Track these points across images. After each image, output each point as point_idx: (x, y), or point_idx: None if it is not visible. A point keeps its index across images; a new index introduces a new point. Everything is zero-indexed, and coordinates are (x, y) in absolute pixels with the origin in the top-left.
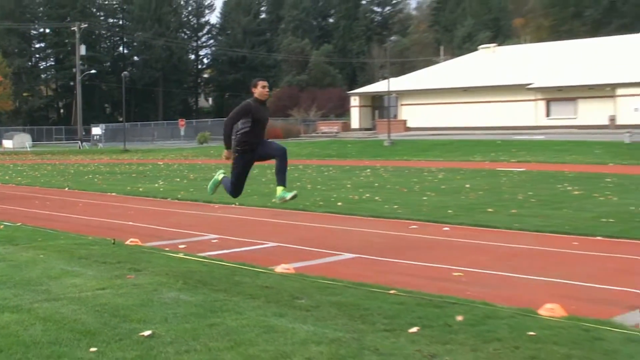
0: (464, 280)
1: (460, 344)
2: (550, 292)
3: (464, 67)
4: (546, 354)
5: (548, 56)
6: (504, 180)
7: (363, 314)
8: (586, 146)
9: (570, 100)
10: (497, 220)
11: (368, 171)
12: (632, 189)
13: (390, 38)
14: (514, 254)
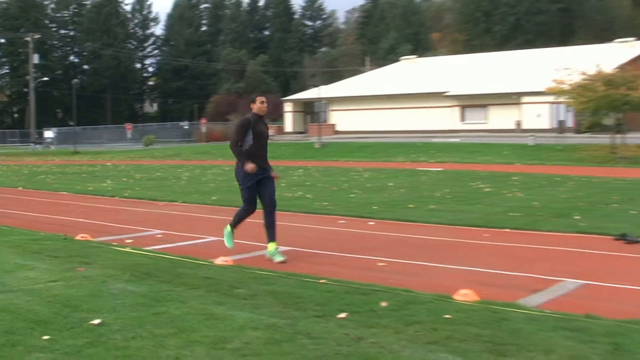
0: (387, 270)
1: (385, 327)
2: (464, 279)
3: (387, 76)
4: (460, 334)
5: (462, 67)
6: (424, 179)
7: (296, 301)
8: (496, 148)
9: (482, 107)
10: (417, 215)
11: (300, 171)
12: (536, 186)
13: (321, 49)
14: (433, 246)
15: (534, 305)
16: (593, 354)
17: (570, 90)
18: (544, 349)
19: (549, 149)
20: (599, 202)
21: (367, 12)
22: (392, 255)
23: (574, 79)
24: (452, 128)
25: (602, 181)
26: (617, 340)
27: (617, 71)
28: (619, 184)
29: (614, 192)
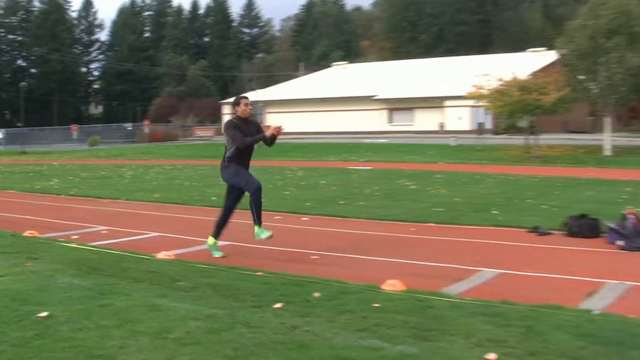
0: (320, 262)
1: (318, 316)
2: (392, 270)
3: (320, 81)
4: (388, 321)
5: (390, 73)
6: (354, 177)
7: (234, 293)
8: (421, 148)
9: (408, 110)
10: (348, 210)
11: None
12: (457, 183)
13: (258, 55)
14: (362, 239)
15: (456, 293)
16: (508, 337)
17: (489, 95)
18: (465, 333)
19: (470, 149)
20: (514, 197)
21: (301, 21)
22: (325, 248)
23: (492, 85)
24: (380, 129)
25: (517, 178)
26: (529, 324)
27: (530, 78)
28: (532, 181)
29: (527, 189)
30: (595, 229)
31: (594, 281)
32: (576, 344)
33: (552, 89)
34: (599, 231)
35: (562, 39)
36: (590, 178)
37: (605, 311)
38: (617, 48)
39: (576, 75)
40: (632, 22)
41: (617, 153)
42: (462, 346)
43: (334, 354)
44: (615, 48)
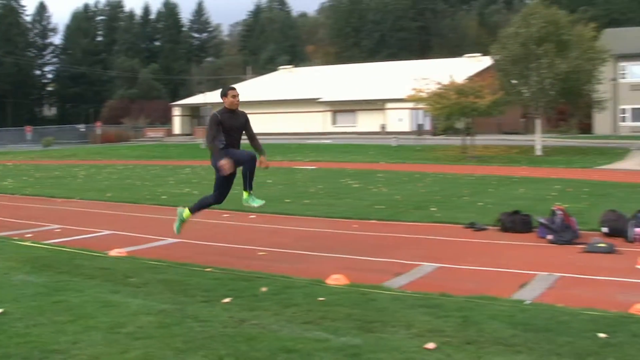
0: (267, 258)
1: (265, 310)
2: (336, 265)
3: (267, 84)
4: (333, 314)
5: (334, 76)
6: (299, 176)
7: (185, 288)
8: (363, 148)
9: (351, 112)
10: (294, 208)
11: (188, 170)
12: (398, 182)
13: (207, 59)
14: (308, 236)
15: (397, 286)
16: (446, 327)
17: (428, 98)
18: (406, 324)
19: (410, 149)
20: (452, 195)
21: (249, 26)
22: (271, 245)
23: (431, 88)
24: (324, 131)
25: (454, 177)
26: (466, 314)
27: (467, 82)
28: (469, 179)
29: (464, 187)
30: (527, 224)
31: (525, 273)
32: (509, 332)
33: (487, 92)
34: (531, 226)
35: (496, 46)
36: (523, 176)
37: (536, 301)
38: (546, 54)
39: (509, 80)
40: (560, 30)
41: (547, 153)
42: (403, 336)
43: (280, 346)
44: (545, 54)
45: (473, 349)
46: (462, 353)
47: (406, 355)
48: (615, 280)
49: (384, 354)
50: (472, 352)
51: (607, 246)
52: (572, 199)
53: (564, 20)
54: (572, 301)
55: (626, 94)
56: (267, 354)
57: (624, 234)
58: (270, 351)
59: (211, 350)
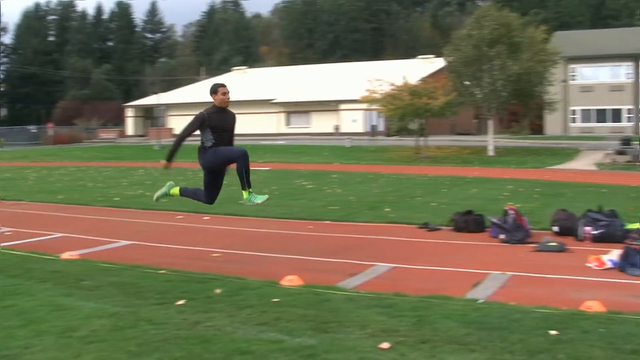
0: (221, 260)
1: (219, 311)
2: (291, 266)
3: None
4: (287, 315)
5: (288, 77)
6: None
7: (138, 291)
8: (317, 149)
9: (305, 113)
10: (247, 210)
11: (141, 171)
12: (352, 183)
13: (160, 59)
14: (262, 237)
15: (351, 287)
16: (401, 327)
17: (381, 99)
18: (360, 324)
19: (363, 150)
20: (405, 196)
21: (202, 27)
22: (226, 246)
23: (384, 89)
24: (278, 132)
25: (408, 178)
26: (420, 314)
27: (420, 83)
28: (422, 180)
29: (417, 187)
30: (480, 224)
31: (479, 272)
32: (463, 331)
33: (440, 93)
34: (484, 226)
35: (449, 47)
36: (476, 177)
37: (489, 300)
38: (499, 56)
39: (462, 81)
40: (512, 32)
41: (499, 153)
42: (357, 337)
43: (235, 348)
44: (497, 56)
45: (427, 348)
46: (417, 352)
47: (361, 355)
48: (566, 278)
49: (339, 354)
50: (427, 351)
51: (558, 245)
52: (524, 198)
53: (515, 22)
54: (524, 299)
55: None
56: (221, 356)
57: (574, 232)
58: (225, 353)
59: (165, 353)
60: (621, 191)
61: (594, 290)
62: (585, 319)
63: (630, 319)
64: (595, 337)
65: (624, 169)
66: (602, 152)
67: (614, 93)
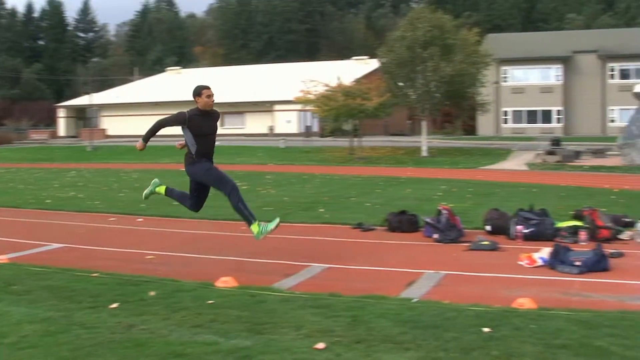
0: (155, 262)
1: (154, 314)
2: (225, 267)
3: (154, 85)
4: (223, 317)
5: (222, 78)
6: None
7: (70, 295)
8: (252, 150)
9: (240, 114)
10: (181, 211)
11: (73, 173)
12: (286, 183)
13: (93, 59)
14: (196, 238)
15: (286, 287)
16: (336, 327)
17: (316, 100)
18: (295, 325)
19: (298, 151)
20: (340, 196)
21: (136, 26)
22: (160, 248)
23: (319, 90)
24: None
25: (342, 178)
26: (355, 313)
27: (354, 84)
28: (356, 180)
29: (352, 188)
30: (413, 224)
31: (413, 272)
32: (398, 330)
33: (374, 94)
34: (417, 226)
35: (383, 49)
36: (409, 177)
37: (423, 298)
38: (432, 58)
39: (396, 82)
40: (445, 34)
41: (432, 154)
42: (293, 337)
43: (170, 351)
44: (430, 58)
45: (362, 347)
46: (352, 352)
47: (296, 356)
48: (498, 276)
49: (274, 355)
50: (362, 351)
51: (490, 244)
52: (457, 198)
53: (448, 24)
54: (457, 298)
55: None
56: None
57: (506, 231)
58: (160, 356)
59: (99, 358)
60: (551, 190)
61: (525, 288)
62: (517, 316)
63: (559, 314)
64: (526, 334)
65: (554, 168)
66: (533, 153)
67: (544, 94)
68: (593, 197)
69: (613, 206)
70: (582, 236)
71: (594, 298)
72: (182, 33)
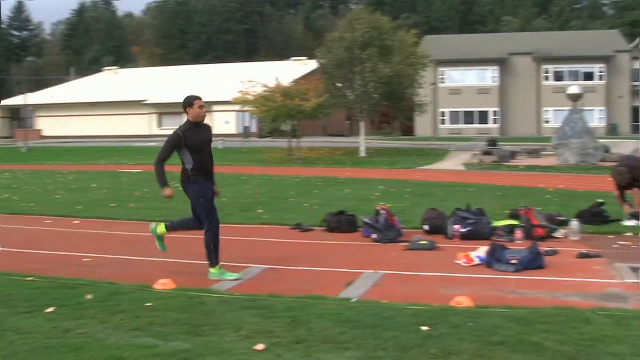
0: (92, 264)
1: (91, 318)
2: (163, 269)
3: (91, 85)
4: (161, 319)
5: (160, 78)
6: (124, 179)
7: (4, 299)
8: None
9: (178, 114)
10: (119, 213)
11: (7, 174)
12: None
13: (27, 58)
14: (133, 240)
15: (225, 289)
16: (276, 327)
17: (254, 100)
18: (234, 327)
19: (236, 152)
20: (278, 197)
21: (72, 25)
22: (97, 250)
23: (257, 91)
24: (150, 133)
25: (281, 179)
26: (295, 314)
27: (293, 85)
28: (295, 181)
29: (290, 188)
30: (352, 224)
31: (352, 272)
32: (337, 330)
33: (313, 95)
34: (356, 226)
35: (321, 49)
36: (348, 177)
37: (362, 298)
38: (370, 59)
39: (334, 83)
40: (383, 36)
41: (371, 154)
42: (232, 339)
43: (107, 355)
44: (368, 59)
45: (302, 347)
46: (292, 352)
47: (236, 358)
48: (436, 275)
49: (213, 357)
50: (302, 351)
51: (428, 243)
52: (395, 198)
53: (387, 26)
54: (396, 297)
55: (445, 97)
56: None
57: (443, 231)
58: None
59: None
60: (488, 190)
61: (462, 286)
62: (455, 314)
63: (496, 312)
64: (464, 331)
65: (491, 168)
66: (470, 153)
67: (480, 95)
68: (528, 197)
69: (548, 205)
70: (518, 235)
71: (529, 295)
72: (120, 32)
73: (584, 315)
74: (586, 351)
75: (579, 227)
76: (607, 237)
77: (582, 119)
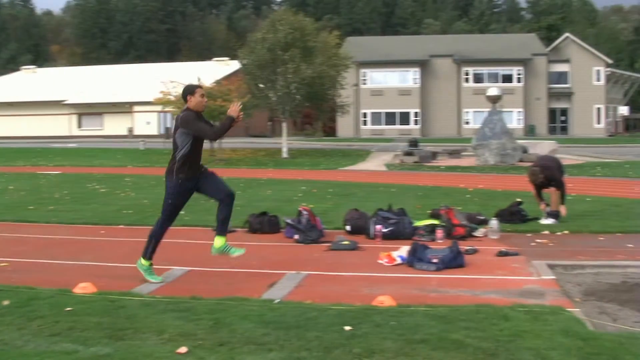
0: (9, 269)
1: (8, 324)
2: (84, 273)
3: (8, 85)
4: (82, 324)
5: (80, 78)
6: (43, 181)
7: None
8: (110, 152)
9: (98, 115)
10: (37, 215)
11: None
12: (146, 186)
13: None
14: (53, 244)
15: (147, 292)
16: (198, 330)
17: (176, 101)
18: (157, 330)
19: (158, 153)
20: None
21: None
22: (14, 255)
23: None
24: (70, 134)
25: None
26: (217, 316)
27: (215, 85)
28: None
29: None
30: (274, 225)
31: (274, 273)
32: (261, 331)
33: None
34: (279, 227)
35: (244, 50)
36: (270, 178)
37: (285, 299)
38: (292, 60)
39: (257, 84)
40: (306, 37)
41: (293, 155)
42: (154, 342)
43: None
44: (291, 60)
45: (225, 350)
46: (215, 355)
47: None
48: (359, 275)
49: None
50: (225, 354)
51: (350, 243)
52: (318, 199)
53: (309, 27)
54: (319, 297)
55: (367, 99)
56: None
57: (366, 231)
58: None
59: None
60: (409, 190)
61: (385, 286)
62: (378, 314)
63: (418, 310)
64: (387, 330)
65: (412, 169)
66: (392, 153)
67: (402, 97)
68: (449, 196)
69: (468, 205)
70: (439, 234)
71: (450, 293)
72: (38, 31)
73: (503, 312)
74: (505, 347)
75: (498, 226)
76: (526, 236)
77: (501, 120)
